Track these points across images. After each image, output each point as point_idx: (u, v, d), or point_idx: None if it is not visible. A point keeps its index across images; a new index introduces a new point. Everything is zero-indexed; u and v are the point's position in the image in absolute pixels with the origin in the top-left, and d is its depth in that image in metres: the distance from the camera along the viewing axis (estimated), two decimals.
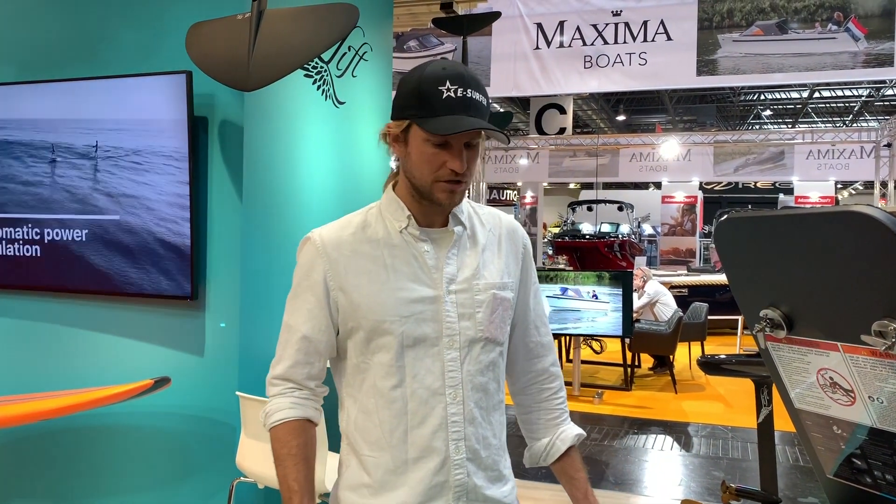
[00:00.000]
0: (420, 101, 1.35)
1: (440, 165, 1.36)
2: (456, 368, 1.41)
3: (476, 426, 1.43)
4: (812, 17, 7.66)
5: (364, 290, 1.42)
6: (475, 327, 1.43)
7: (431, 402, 1.40)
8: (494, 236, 1.52)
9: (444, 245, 1.45)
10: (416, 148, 1.38)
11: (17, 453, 3.35)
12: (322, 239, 1.46)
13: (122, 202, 3.03)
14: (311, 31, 2.70)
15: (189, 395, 3.01)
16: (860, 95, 17.32)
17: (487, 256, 1.49)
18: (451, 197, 1.39)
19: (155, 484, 3.12)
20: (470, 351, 1.43)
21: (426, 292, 1.41)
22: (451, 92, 1.33)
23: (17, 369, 3.33)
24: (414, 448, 1.40)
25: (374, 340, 1.41)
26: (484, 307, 1.44)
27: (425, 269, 1.43)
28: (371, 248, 1.44)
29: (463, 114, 1.33)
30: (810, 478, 5.06)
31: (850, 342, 1.30)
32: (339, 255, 1.44)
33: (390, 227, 1.45)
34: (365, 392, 1.43)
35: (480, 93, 1.36)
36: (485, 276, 1.46)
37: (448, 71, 1.36)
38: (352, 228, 1.47)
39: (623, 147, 17.08)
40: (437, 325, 1.41)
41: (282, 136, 3.19)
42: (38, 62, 3.30)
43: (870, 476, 1.43)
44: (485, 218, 1.54)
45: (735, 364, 3.25)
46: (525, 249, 1.57)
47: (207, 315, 2.99)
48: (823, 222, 1.30)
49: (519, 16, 8.45)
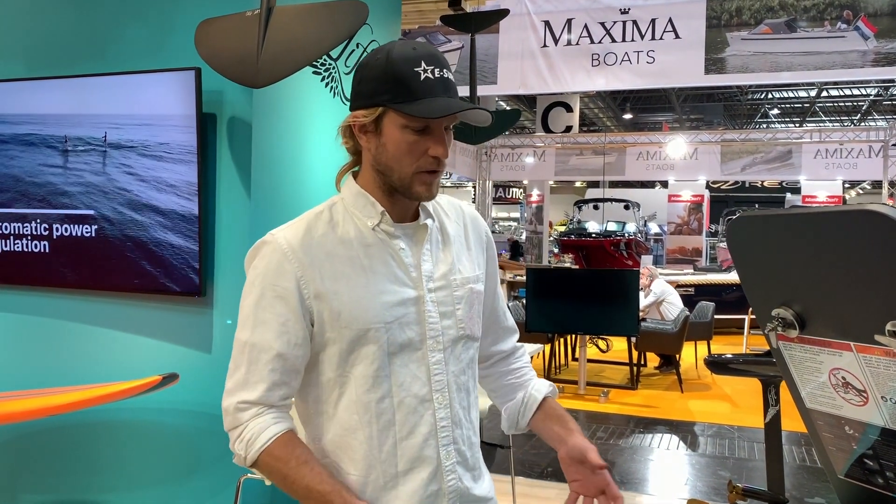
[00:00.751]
0: (395, 84, 1.24)
1: (421, 154, 1.27)
2: (441, 371, 1.34)
3: (462, 428, 1.38)
4: (821, 16, 7.62)
5: (344, 296, 1.28)
6: (456, 325, 1.37)
7: (420, 410, 1.32)
8: (460, 227, 1.46)
9: (418, 240, 1.36)
10: (393, 137, 1.27)
11: (24, 449, 3.36)
12: (288, 241, 1.31)
13: (130, 198, 3.04)
14: (320, 27, 2.69)
15: (197, 391, 3.01)
16: (868, 95, 17.25)
17: (458, 249, 1.42)
18: (429, 189, 1.31)
19: (162, 480, 3.12)
20: (453, 350, 1.37)
21: (408, 293, 1.32)
22: (428, 73, 1.24)
23: (24, 365, 3.34)
24: (404, 460, 1.31)
25: (355, 351, 1.29)
26: (463, 303, 1.38)
27: (403, 269, 1.33)
28: (345, 249, 1.31)
29: (444, 95, 1.25)
30: (817, 478, 5.04)
31: (863, 342, 1.29)
32: (312, 258, 1.29)
33: (360, 224, 1.34)
34: (344, 408, 1.31)
35: (451, 72, 1.30)
36: (460, 270, 1.40)
37: (419, 51, 1.26)
38: (319, 229, 1.33)
39: (630, 146, 17.02)
40: (420, 328, 1.32)
41: (290, 132, 3.19)
42: (47, 58, 3.30)
43: (882, 477, 1.42)
44: (448, 208, 1.46)
45: (742, 363, 3.24)
46: (488, 238, 1.52)
47: (215, 311, 3.00)
48: (837, 221, 1.29)
49: (527, 13, 8.43)
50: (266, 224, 3.03)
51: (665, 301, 8.76)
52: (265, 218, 3.03)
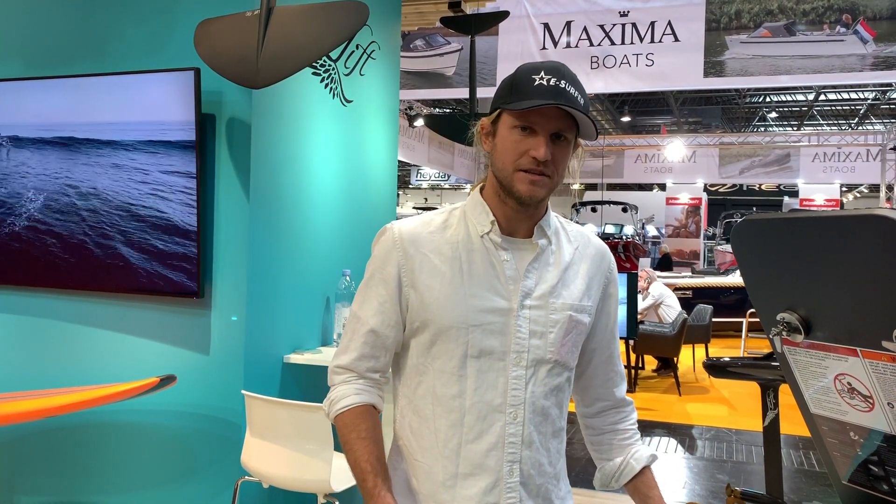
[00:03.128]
0: (512, 89, 1.33)
1: (523, 152, 1.31)
2: (520, 387, 1.35)
3: (533, 450, 1.37)
4: (820, 19, 7.62)
5: (436, 291, 1.36)
6: (545, 347, 1.37)
7: (490, 419, 1.34)
8: (581, 256, 1.45)
9: (526, 257, 1.39)
10: (503, 136, 1.34)
11: (22, 450, 3.34)
12: (401, 232, 1.41)
13: (127, 199, 3.02)
14: (320, 28, 2.68)
15: (195, 393, 3.00)
16: (866, 98, 17.26)
17: (570, 275, 1.42)
18: (531, 189, 1.32)
19: (159, 482, 3.11)
20: (536, 371, 1.37)
21: (499, 303, 1.35)
22: (543, 80, 1.30)
23: (22, 366, 3.32)
24: (466, 463, 1.35)
25: (437, 344, 1.36)
26: (557, 328, 1.38)
27: (502, 280, 1.37)
28: (449, 249, 1.39)
29: (552, 99, 1.28)
30: (815, 482, 5.03)
31: (870, 348, 1.28)
32: (416, 251, 1.39)
33: (472, 230, 1.40)
34: (421, 396, 1.39)
35: (577, 89, 1.32)
36: (563, 295, 1.40)
37: (545, 64, 1.33)
38: (432, 227, 1.42)
39: (628, 148, 17.05)
40: (505, 339, 1.35)
41: (289, 133, 3.18)
42: (46, 58, 3.29)
43: (887, 483, 1.41)
44: (572, 235, 1.47)
45: (741, 367, 3.23)
46: (610, 274, 1.50)
47: (214, 313, 2.98)
48: (843, 225, 1.28)
49: (526, 16, 8.42)
50: (265, 225, 3.04)
51: (663, 304, 8.75)
52: (264, 219, 3.02)
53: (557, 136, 1.32)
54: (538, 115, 1.30)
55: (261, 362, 3.02)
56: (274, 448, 2.68)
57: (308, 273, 3.30)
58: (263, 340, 3.03)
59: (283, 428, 2.66)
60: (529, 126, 1.31)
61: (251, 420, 2.76)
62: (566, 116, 1.31)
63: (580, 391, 1.55)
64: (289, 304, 3.19)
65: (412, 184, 25.31)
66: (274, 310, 3.09)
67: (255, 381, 2.95)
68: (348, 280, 3.30)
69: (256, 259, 2.97)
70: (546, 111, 1.29)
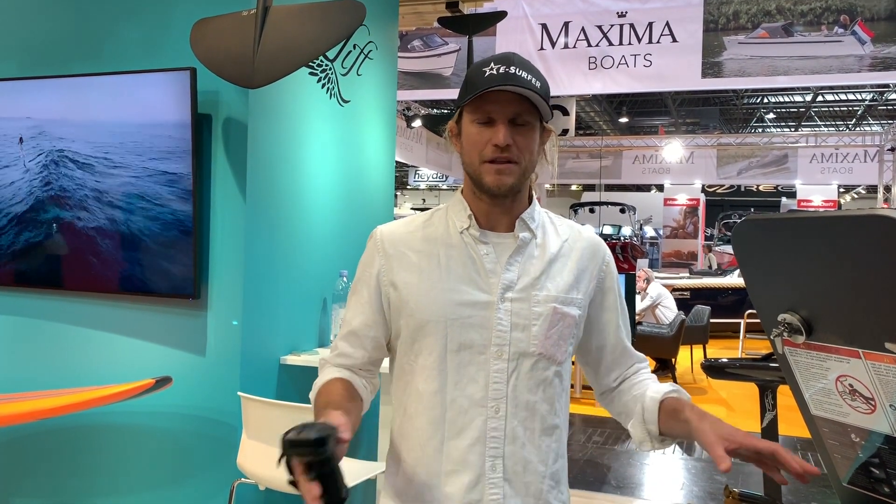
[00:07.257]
0: (467, 86, 1.35)
1: (485, 144, 1.32)
2: (501, 381, 1.33)
3: (517, 446, 1.34)
4: (818, 20, 7.62)
5: (413, 287, 1.38)
6: (528, 340, 1.35)
7: (471, 413, 1.33)
8: (570, 248, 1.44)
9: (507, 250, 1.38)
10: (466, 132, 1.36)
11: (17, 452, 3.32)
12: (382, 234, 1.45)
13: (124, 199, 3.00)
14: (316, 28, 2.67)
15: (190, 394, 2.98)
16: (863, 99, 17.27)
17: (556, 268, 1.40)
18: (498, 178, 1.32)
19: (155, 484, 3.09)
20: (519, 365, 1.35)
21: (479, 297, 1.34)
22: (493, 70, 1.31)
23: (17, 367, 3.30)
24: (448, 460, 1.33)
25: (418, 341, 1.37)
26: (541, 320, 1.35)
27: (482, 273, 1.36)
28: (428, 245, 1.41)
29: (500, 83, 1.29)
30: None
31: (872, 349, 1.27)
32: (395, 250, 1.42)
33: (451, 226, 1.41)
34: (408, 395, 1.39)
35: (529, 72, 1.32)
36: (548, 287, 1.37)
37: (496, 56, 1.35)
38: (412, 226, 1.45)
39: (626, 149, 17.05)
40: (485, 333, 1.34)
41: (286, 134, 3.16)
42: (41, 58, 3.27)
43: (888, 486, 1.40)
44: (562, 229, 1.46)
45: (739, 368, 3.23)
46: (606, 268, 1.47)
47: (210, 314, 2.96)
48: (845, 226, 1.27)
49: (524, 16, 8.40)
50: (261, 225, 3.03)
51: (661, 304, 8.75)
52: (260, 219, 3.01)
53: (517, 122, 1.32)
54: (493, 103, 1.31)
55: (257, 364, 3.01)
56: (270, 450, 2.66)
57: (305, 274, 3.28)
58: (260, 342, 3.02)
59: (280, 429, 2.62)
60: (487, 117, 1.32)
61: (247, 422, 2.74)
62: (522, 100, 1.31)
63: (594, 375, 1.54)
64: (285, 306, 3.17)
65: (410, 184, 25.28)
66: (270, 311, 3.08)
67: (252, 382, 2.93)
68: (345, 281, 3.28)
69: (253, 260, 2.96)
70: (500, 98, 1.30)
